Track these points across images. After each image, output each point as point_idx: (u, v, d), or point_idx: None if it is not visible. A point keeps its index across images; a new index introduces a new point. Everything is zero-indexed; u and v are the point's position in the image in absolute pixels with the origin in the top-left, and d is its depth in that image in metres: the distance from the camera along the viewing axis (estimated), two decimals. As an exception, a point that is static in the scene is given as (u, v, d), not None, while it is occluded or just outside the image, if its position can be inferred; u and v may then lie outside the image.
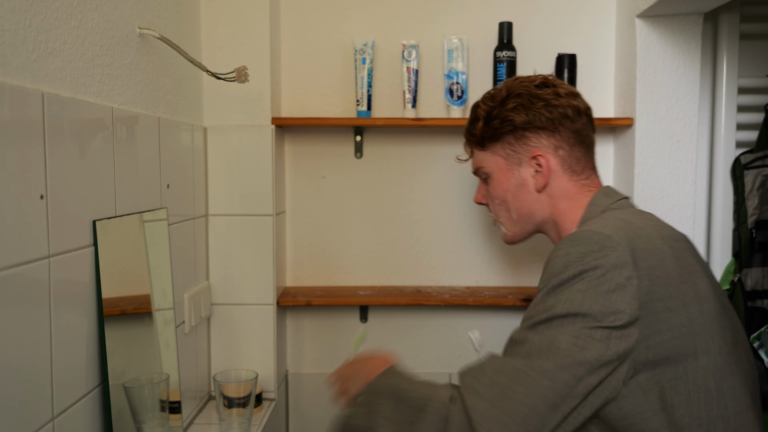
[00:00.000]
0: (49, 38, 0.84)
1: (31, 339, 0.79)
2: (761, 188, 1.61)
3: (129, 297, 1.05)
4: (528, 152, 1.07)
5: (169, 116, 1.26)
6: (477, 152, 1.14)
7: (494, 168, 1.11)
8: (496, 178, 1.11)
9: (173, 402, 1.19)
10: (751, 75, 1.66)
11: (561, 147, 1.06)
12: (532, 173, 1.07)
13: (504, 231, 1.16)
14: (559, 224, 1.08)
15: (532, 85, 1.08)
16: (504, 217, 1.13)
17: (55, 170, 0.84)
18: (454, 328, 1.72)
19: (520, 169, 1.08)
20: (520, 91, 1.07)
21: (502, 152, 1.09)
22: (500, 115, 1.08)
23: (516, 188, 1.09)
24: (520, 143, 1.07)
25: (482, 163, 1.13)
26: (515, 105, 1.07)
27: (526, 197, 1.09)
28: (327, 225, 1.70)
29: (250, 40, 1.49)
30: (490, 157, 1.11)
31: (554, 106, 1.06)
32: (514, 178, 1.09)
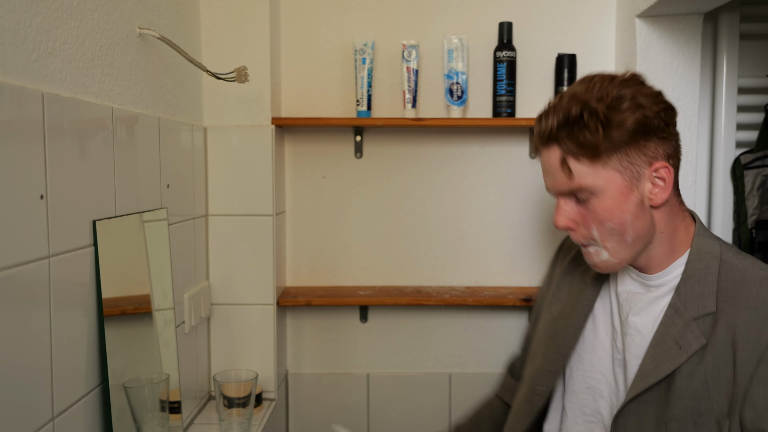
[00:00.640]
0: (49, 38, 0.84)
1: (31, 339, 0.79)
2: (761, 188, 1.61)
3: (129, 297, 1.05)
4: (647, 163, 0.92)
5: (169, 116, 1.26)
6: (582, 167, 0.92)
7: (608, 186, 0.92)
8: (610, 197, 0.92)
9: (173, 402, 1.19)
10: (751, 75, 1.66)
11: (673, 155, 0.94)
12: (650, 188, 0.93)
13: (607, 258, 0.96)
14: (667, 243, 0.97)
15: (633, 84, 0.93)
16: (615, 242, 0.95)
17: (55, 170, 0.84)
18: (454, 328, 1.72)
19: (638, 185, 0.92)
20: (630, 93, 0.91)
21: (619, 166, 0.91)
22: (619, 120, 0.90)
23: (635, 208, 0.92)
24: (637, 155, 0.91)
25: (590, 180, 0.92)
26: (631, 107, 0.90)
27: (645, 216, 0.94)
28: (327, 225, 1.70)
29: (250, 40, 1.49)
30: (603, 172, 0.91)
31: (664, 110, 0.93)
32: (634, 196, 0.92)
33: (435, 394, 1.72)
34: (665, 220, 0.96)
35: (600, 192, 0.92)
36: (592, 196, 0.93)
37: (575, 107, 0.91)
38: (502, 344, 1.72)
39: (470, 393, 1.72)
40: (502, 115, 1.56)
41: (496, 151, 1.67)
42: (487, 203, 1.68)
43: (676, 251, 0.98)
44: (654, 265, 0.98)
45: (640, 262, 0.99)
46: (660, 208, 0.95)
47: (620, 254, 0.95)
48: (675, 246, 0.97)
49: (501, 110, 1.56)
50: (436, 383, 1.72)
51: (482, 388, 1.71)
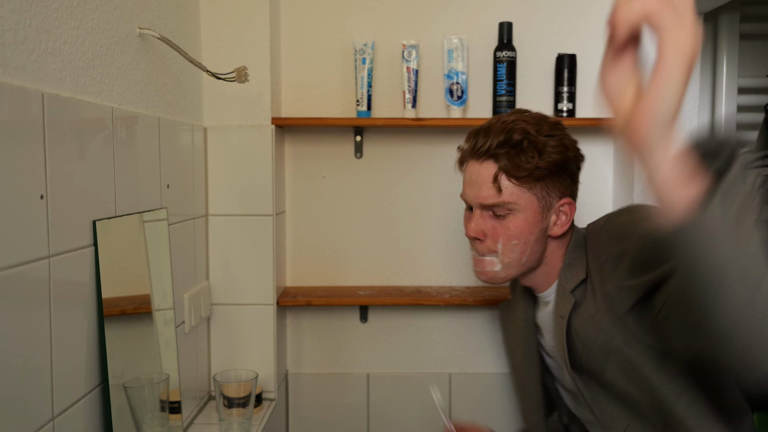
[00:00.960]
0: (49, 38, 0.84)
1: (31, 339, 0.79)
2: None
3: (129, 297, 1.05)
4: (558, 197, 1.04)
5: (169, 116, 1.26)
6: (511, 185, 1.03)
7: (527, 208, 1.03)
8: (524, 218, 1.03)
9: (173, 402, 1.19)
10: (751, 75, 1.66)
11: (575, 197, 1.07)
12: (554, 220, 1.05)
13: (498, 270, 1.07)
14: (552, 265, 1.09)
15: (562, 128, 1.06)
16: (512, 258, 1.05)
17: (55, 170, 0.84)
18: (454, 328, 1.72)
19: (547, 213, 1.04)
20: (560, 134, 1.04)
21: (539, 193, 1.03)
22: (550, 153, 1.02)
23: (540, 233, 1.04)
24: (554, 187, 1.04)
25: (514, 198, 1.03)
26: (559, 144, 1.02)
27: (542, 244, 1.06)
28: (327, 225, 1.70)
29: (250, 40, 1.49)
30: (527, 195, 1.03)
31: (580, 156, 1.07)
32: (542, 223, 1.04)
33: (435, 394, 1.72)
34: (553, 251, 1.07)
35: (518, 211, 1.03)
36: (509, 213, 1.03)
37: (517, 134, 1.01)
38: (501, 344, 1.71)
39: (470, 393, 1.72)
40: (502, 115, 1.56)
41: (496, 151, 1.67)
42: (487, 203, 1.68)
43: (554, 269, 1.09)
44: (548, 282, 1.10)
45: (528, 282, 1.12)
46: (555, 240, 1.07)
47: (510, 271, 1.06)
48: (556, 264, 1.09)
49: (501, 110, 1.56)
50: (436, 383, 1.72)
51: (482, 388, 1.72)
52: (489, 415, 1.72)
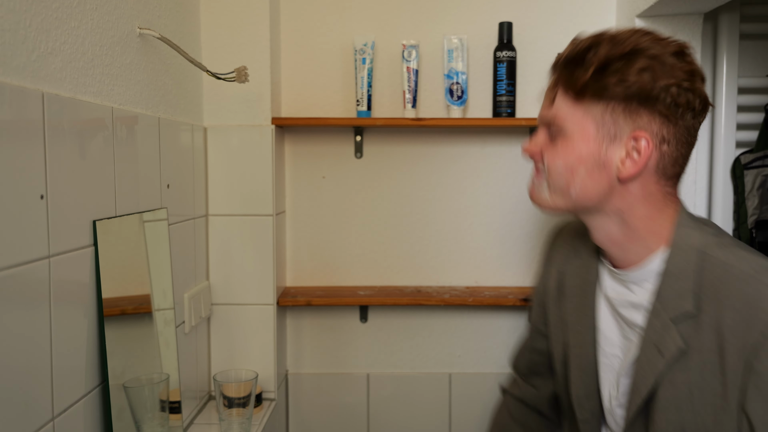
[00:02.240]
0: (49, 38, 0.84)
1: (31, 339, 0.79)
2: (761, 188, 1.61)
3: (129, 297, 1.05)
4: (630, 129, 0.85)
5: (169, 116, 1.26)
6: (564, 102, 0.89)
7: (577, 130, 0.87)
8: (573, 142, 0.88)
9: (173, 402, 1.19)
10: (751, 75, 1.66)
11: (669, 142, 0.86)
12: (622, 157, 0.86)
13: (545, 196, 0.93)
14: (632, 229, 0.90)
15: (669, 51, 0.84)
16: (557, 184, 0.91)
17: (55, 170, 0.84)
18: (454, 328, 1.72)
19: (610, 146, 0.86)
20: (655, 53, 0.83)
21: (599, 117, 0.86)
22: (622, 71, 0.83)
23: (593, 165, 0.87)
24: (626, 116, 0.85)
25: (564, 117, 0.89)
26: (644, 68, 0.83)
27: (600, 181, 0.88)
28: (327, 225, 1.70)
29: (250, 40, 1.49)
30: (580, 115, 0.87)
31: (686, 91, 0.84)
32: (597, 153, 0.87)
33: (435, 394, 1.72)
34: (631, 202, 0.88)
35: (568, 132, 0.88)
36: (559, 135, 0.89)
37: (587, 42, 0.87)
38: (502, 344, 1.72)
39: (470, 393, 1.72)
40: (502, 115, 1.56)
41: (496, 151, 1.67)
42: (488, 203, 1.68)
43: (649, 244, 0.90)
44: (624, 259, 0.93)
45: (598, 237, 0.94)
46: (628, 185, 0.88)
47: (557, 200, 0.92)
48: (644, 237, 0.90)
49: (501, 110, 1.56)
50: (436, 383, 1.72)
51: (482, 388, 1.72)
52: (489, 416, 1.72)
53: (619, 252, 0.93)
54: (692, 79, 0.85)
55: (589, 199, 0.90)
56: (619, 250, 0.93)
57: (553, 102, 0.90)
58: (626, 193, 0.88)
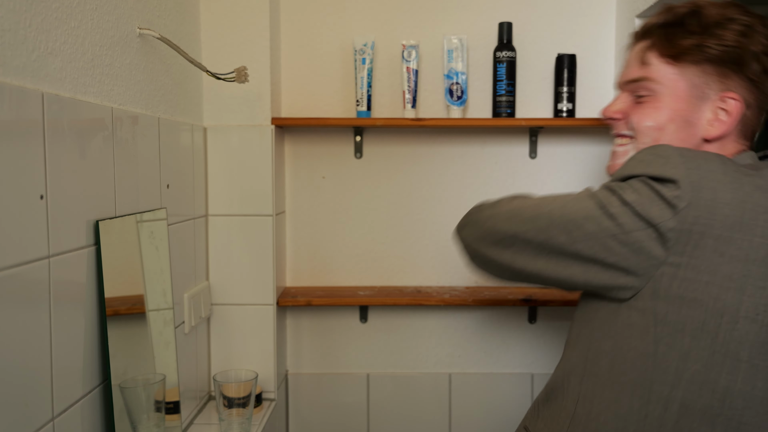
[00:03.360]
0: (49, 38, 0.84)
1: (31, 339, 0.79)
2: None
3: (130, 297, 1.05)
4: (720, 90, 0.88)
5: (169, 116, 1.26)
6: (659, 63, 0.91)
7: (670, 91, 0.90)
8: (664, 101, 0.91)
9: (170, 402, 1.19)
10: (751, 75, 1.65)
11: (751, 106, 0.90)
12: (709, 118, 0.89)
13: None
14: None
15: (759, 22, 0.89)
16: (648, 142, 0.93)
17: (55, 170, 0.84)
18: (454, 328, 1.72)
19: (700, 105, 0.89)
20: (749, 22, 0.88)
21: (692, 78, 0.89)
22: (719, 35, 0.87)
23: (682, 123, 0.90)
24: (716, 78, 0.88)
25: (658, 77, 0.91)
26: (740, 32, 0.87)
27: (687, 140, 0.90)
28: (327, 225, 1.70)
29: (250, 40, 1.49)
30: (673, 76, 0.90)
31: None
32: (687, 112, 0.90)
33: (435, 394, 1.72)
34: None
35: (660, 93, 0.91)
36: (650, 96, 0.92)
37: (686, 7, 0.91)
38: (502, 344, 1.72)
39: (470, 393, 1.72)
40: (502, 115, 1.56)
41: (496, 151, 1.67)
42: (487, 203, 1.68)
43: None
44: None
45: None
46: (708, 144, 0.90)
47: None
48: None
49: (501, 110, 1.56)
50: (436, 383, 1.72)
51: (482, 388, 1.72)
52: (489, 415, 1.72)
53: None
54: None
55: None
56: None
57: (644, 63, 0.93)
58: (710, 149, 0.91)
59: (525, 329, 1.71)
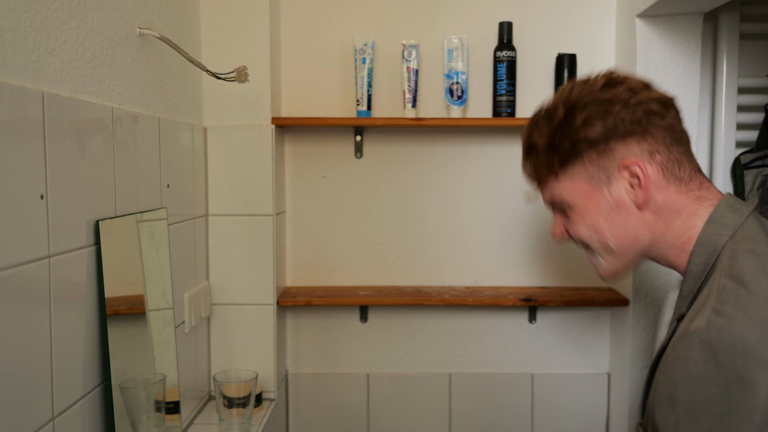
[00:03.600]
0: (49, 38, 0.84)
1: (31, 339, 0.79)
2: (761, 188, 1.61)
3: (130, 297, 1.05)
4: (616, 163, 0.88)
5: (169, 116, 1.26)
6: (549, 182, 0.95)
7: (576, 196, 0.92)
8: (580, 207, 0.92)
9: (170, 402, 1.19)
10: (751, 75, 1.66)
11: (657, 151, 0.87)
12: (627, 188, 0.88)
13: (604, 266, 0.95)
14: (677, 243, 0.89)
15: (596, 89, 0.89)
16: (602, 249, 0.93)
17: (55, 170, 0.84)
18: (454, 328, 1.72)
19: (610, 188, 0.89)
20: (586, 101, 0.89)
21: (584, 174, 0.90)
22: (569, 136, 0.89)
23: (610, 212, 0.90)
24: (604, 158, 0.88)
25: (560, 193, 0.94)
26: (585, 119, 0.88)
27: (627, 220, 0.89)
28: (327, 225, 1.70)
29: (250, 40, 1.49)
30: (569, 183, 0.92)
31: (635, 105, 0.87)
32: (605, 200, 0.89)
33: (435, 394, 1.72)
34: (662, 225, 0.89)
35: (572, 203, 0.93)
36: (568, 208, 0.94)
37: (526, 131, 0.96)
38: (502, 344, 1.72)
39: (470, 393, 1.72)
40: (502, 115, 1.56)
41: (496, 151, 1.67)
42: (488, 203, 1.68)
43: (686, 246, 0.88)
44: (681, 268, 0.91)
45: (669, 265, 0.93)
46: (647, 210, 0.88)
47: (613, 263, 0.94)
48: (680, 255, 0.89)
49: (501, 110, 1.56)
50: (436, 383, 1.72)
51: (482, 388, 1.72)
52: (489, 415, 1.72)
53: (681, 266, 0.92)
54: (633, 96, 0.88)
55: (631, 241, 0.91)
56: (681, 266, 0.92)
57: (543, 186, 0.97)
58: (653, 216, 0.89)
59: (525, 329, 1.71)
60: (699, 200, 0.88)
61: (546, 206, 1.01)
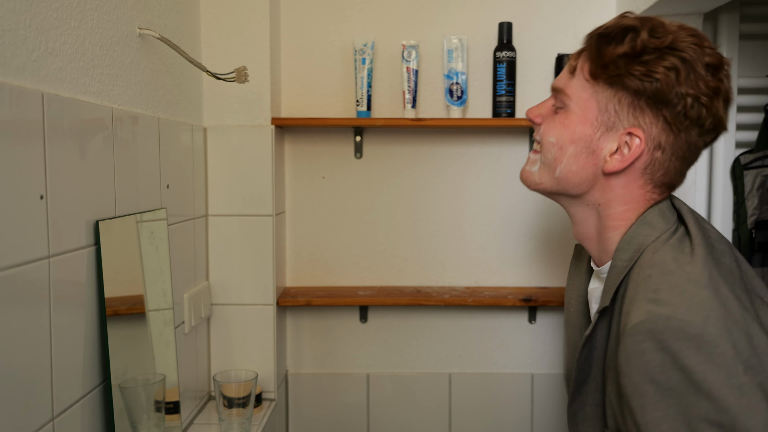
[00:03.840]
0: (49, 38, 0.84)
1: (31, 339, 0.79)
2: (761, 188, 1.61)
3: (130, 297, 1.05)
4: (628, 123, 0.84)
5: (169, 116, 1.26)
6: (580, 77, 0.88)
7: (579, 110, 0.87)
8: (571, 120, 0.88)
9: (170, 402, 1.19)
10: (751, 75, 1.66)
11: (664, 149, 0.84)
12: (611, 150, 0.85)
13: (531, 170, 0.94)
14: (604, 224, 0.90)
15: (702, 61, 0.81)
16: (547, 158, 0.91)
17: (55, 170, 0.84)
18: (454, 328, 1.72)
19: (604, 135, 0.85)
20: (687, 56, 0.80)
21: (604, 102, 0.85)
22: (649, 64, 0.81)
23: (583, 148, 0.87)
24: (629, 110, 0.83)
25: (572, 93, 0.88)
26: (671, 67, 0.80)
27: (585, 167, 0.87)
28: (327, 225, 1.70)
29: (250, 40, 1.49)
30: (588, 95, 0.86)
31: (701, 106, 0.81)
32: (590, 138, 0.86)
33: (435, 394, 1.72)
34: (610, 198, 0.88)
35: (571, 109, 0.88)
36: (563, 110, 0.89)
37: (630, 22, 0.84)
38: (502, 344, 1.72)
39: (470, 393, 1.72)
40: (502, 116, 1.56)
41: (496, 151, 1.67)
42: (488, 203, 1.68)
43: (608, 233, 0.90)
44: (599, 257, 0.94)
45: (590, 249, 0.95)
46: (611, 180, 0.87)
47: (544, 176, 0.92)
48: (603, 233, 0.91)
49: (501, 110, 1.56)
50: (436, 383, 1.72)
51: (482, 388, 1.72)
52: (489, 415, 1.72)
53: (595, 249, 0.95)
54: (714, 97, 0.82)
55: (571, 182, 0.90)
56: (595, 247, 0.94)
57: (571, 73, 0.89)
58: (608, 187, 0.88)
59: (525, 329, 1.71)
60: (647, 202, 0.88)
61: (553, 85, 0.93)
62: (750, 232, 1.62)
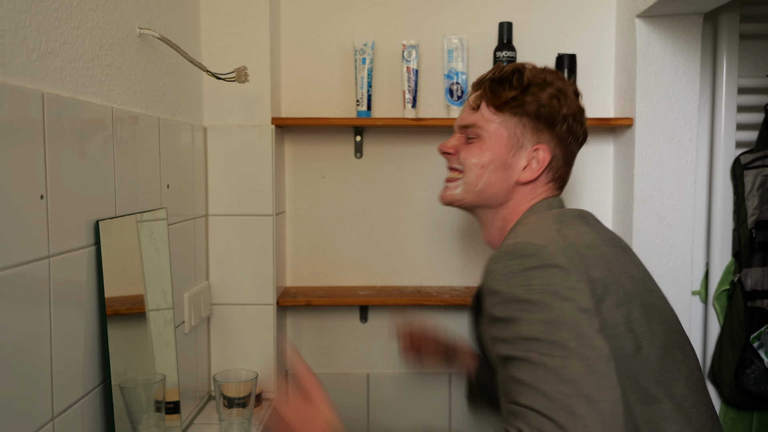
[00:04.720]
0: (49, 38, 0.84)
1: (31, 339, 0.79)
2: (761, 188, 1.61)
3: (130, 297, 1.05)
4: (534, 141, 1.03)
5: (169, 116, 1.26)
6: (486, 112, 1.06)
7: (492, 136, 1.05)
8: (488, 144, 1.05)
9: (170, 402, 1.19)
10: (751, 75, 1.66)
11: (558, 159, 1.05)
12: (524, 164, 1.04)
13: (455, 192, 1.09)
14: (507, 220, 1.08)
15: (571, 89, 1.06)
16: (470, 179, 1.06)
17: (55, 170, 0.84)
18: (454, 328, 1.72)
19: (517, 153, 1.04)
20: (562, 87, 1.04)
21: (512, 128, 1.04)
22: (537, 94, 1.03)
23: (500, 165, 1.04)
24: (532, 132, 1.04)
25: (484, 124, 1.06)
26: (554, 95, 1.03)
27: (503, 180, 1.05)
28: (327, 225, 1.70)
29: (250, 40, 1.49)
30: (497, 125, 1.05)
31: (577, 123, 1.05)
32: (507, 155, 1.04)
33: (435, 394, 1.72)
34: (518, 199, 1.06)
35: (485, 136, 1.05)
36: (477, 138, 1.06)
37: (513, 67, 1.06)
38: (502, 344, 1.71)
39: (470, 393, 1.72)
40: (502, 115, 1.56)
41: (496, 151, 1.67)
42: (487, 203, 1.68)
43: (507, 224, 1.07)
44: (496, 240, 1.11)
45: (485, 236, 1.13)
46: (524, 187, 1.05)
47: (466, 196, 1.08)
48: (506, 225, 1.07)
49: (501, 110, 1.56)
50: (436, 383, 1.72)
51: (482, 388, 1.72)
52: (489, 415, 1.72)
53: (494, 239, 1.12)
54: (582, 115, 1.07)
55: (490, 194, 1.07)
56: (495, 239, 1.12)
57: (474, 110, 1.07)
58: (519, 193, 1.06)
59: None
60: (539, 196, 1.06)
61: (459, 123, 1.10)
62: (750, 231, 1.62)
